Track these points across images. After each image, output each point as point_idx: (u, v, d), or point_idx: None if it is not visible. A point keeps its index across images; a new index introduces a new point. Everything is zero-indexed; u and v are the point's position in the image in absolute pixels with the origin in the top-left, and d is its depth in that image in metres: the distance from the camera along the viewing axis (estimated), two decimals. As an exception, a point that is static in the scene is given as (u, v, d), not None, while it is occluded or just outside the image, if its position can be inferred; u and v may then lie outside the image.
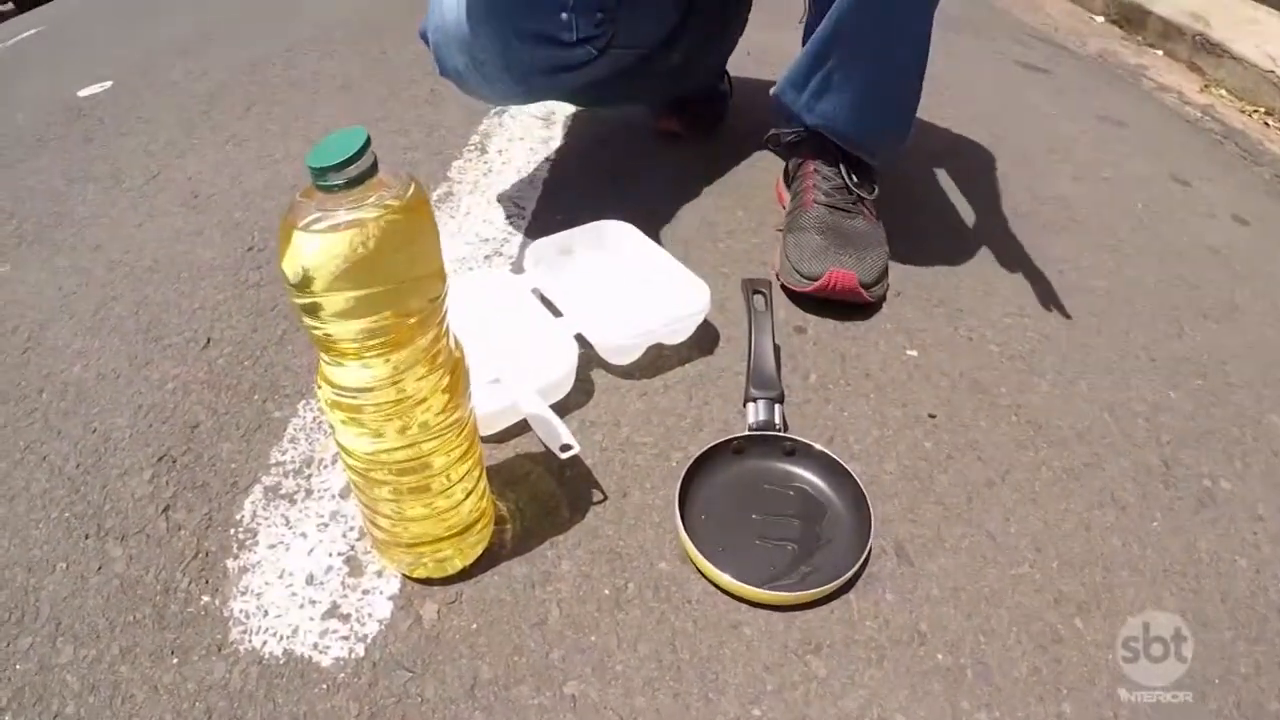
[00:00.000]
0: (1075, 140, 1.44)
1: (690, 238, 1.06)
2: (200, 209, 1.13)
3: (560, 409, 0.78)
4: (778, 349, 0.85)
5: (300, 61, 1.58)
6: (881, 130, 0.98)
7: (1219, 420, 0.86)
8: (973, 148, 1.34)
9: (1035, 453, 0.80)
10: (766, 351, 0.82)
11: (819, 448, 0.73)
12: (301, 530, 0.69)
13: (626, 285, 0.91)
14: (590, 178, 1.20)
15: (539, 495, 0.72)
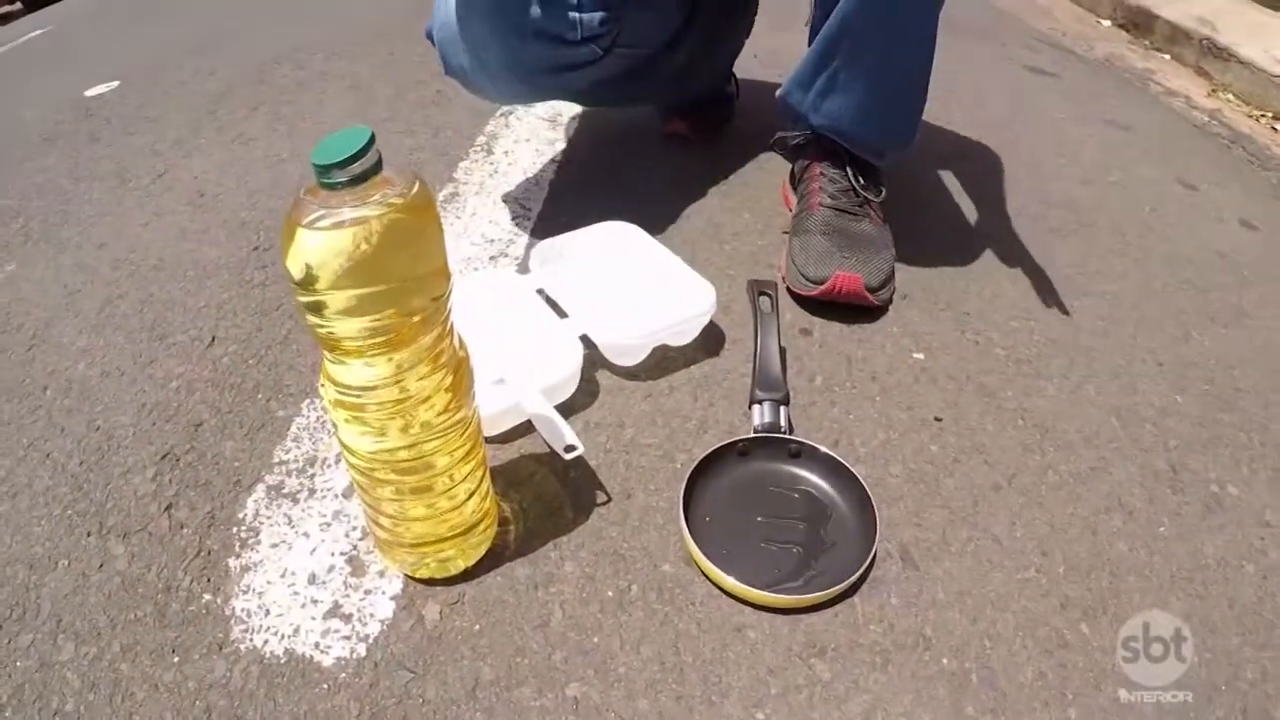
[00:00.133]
0: (1083, 144, 1.43)
1: (696, 239, 1.06)
2: (206, 208, 1.14)
3: (565, 410, 0.77)
4: (783, 351, 0.84)
5: (308, 62, 1.59)
6: (887, 130, 0.98)
7: (1226, 425, 0.85)
8: (980, 151, 1.33)
9: (1042, 456, 0.79)
10: (772, 353, 0.81)
11: (824, 450, 0.73)
12: (304, 529, 0.69)
13: (632, 286, 0.91)
14: (596, 179, 1.20)
15: (543, 496, 0.72)
